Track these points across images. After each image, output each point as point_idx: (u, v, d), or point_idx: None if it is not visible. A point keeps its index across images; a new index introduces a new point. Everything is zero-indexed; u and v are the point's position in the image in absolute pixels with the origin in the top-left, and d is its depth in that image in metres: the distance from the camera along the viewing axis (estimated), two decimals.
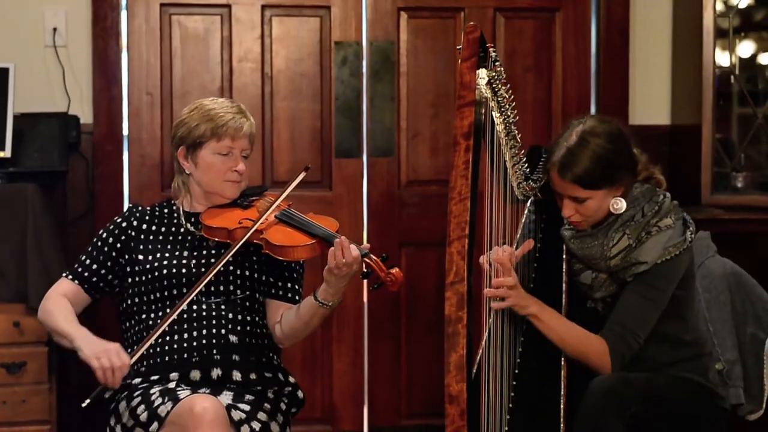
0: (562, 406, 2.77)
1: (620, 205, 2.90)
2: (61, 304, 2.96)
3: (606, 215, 2.92)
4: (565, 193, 2.90)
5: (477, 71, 2.58)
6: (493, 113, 2.78)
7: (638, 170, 2.95)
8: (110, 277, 3.02)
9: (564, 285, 2.96)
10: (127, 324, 3.01)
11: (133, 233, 3.04)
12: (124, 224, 3.06)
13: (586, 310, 2.99)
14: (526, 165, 2.99)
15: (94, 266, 3.01)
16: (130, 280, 2.98)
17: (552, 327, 2.86)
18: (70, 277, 3.02)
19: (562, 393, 2.80)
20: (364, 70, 4.34)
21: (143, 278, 2.97)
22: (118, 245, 3.02)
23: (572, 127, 2.92)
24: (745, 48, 4.47)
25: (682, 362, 2.94)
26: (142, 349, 2.83)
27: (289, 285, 3.06)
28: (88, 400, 2.77)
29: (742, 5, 4.41)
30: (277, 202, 2.97)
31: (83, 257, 3.04)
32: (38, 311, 3.01)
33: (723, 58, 4.34)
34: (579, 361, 2.87)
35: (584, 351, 2.86)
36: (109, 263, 3.01)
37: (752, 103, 4.38)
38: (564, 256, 3.01)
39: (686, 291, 2.94)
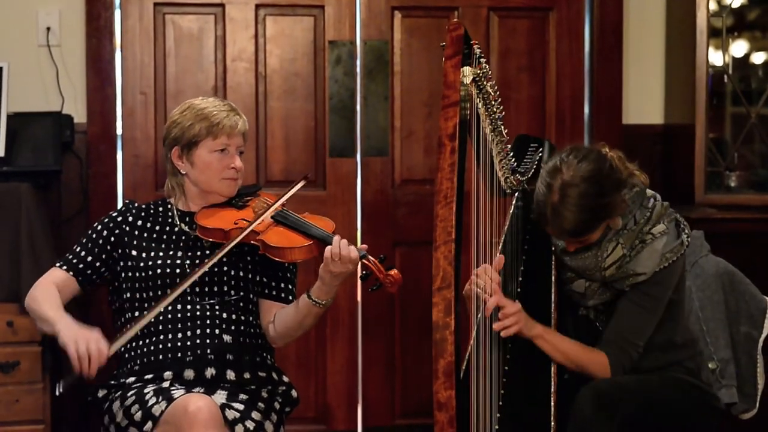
0: (552, 410, 2.77)
1: (618, 222, 2.87)
2: (49, 292, 2.95)
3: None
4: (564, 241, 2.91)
5: (462, 69, 2.57)
6: (479, 111, 2.77)
7: (624, 182, 2.87)
8: (103, 269, 3.01)
9: (553, 277, 2.97)
10: (120, 321, 3.00)
11: (127, 228, 3.04)
12: (119, 218, 3.06)
13: (578, 318, 2.99)
14: (513, 159, 3.00)
15: (89, 258, 3.01)
16: (123, 275, 2.98)
17: (556, 346, 2.87)
18: (64, 267, 3.01)
19: (552, 397, 2.79)
20: (358, 69, 4.34)
21: (136, 275, 2.96)
22: (112, 238, 3.02)
23: (553, 175, 2.81)
24: (739, 47, 4.48)
25: (675, 364, 2.95)
26: (121, 341, 2.82)
27: (282, 285, 3.06)
28: (60, 389, 2.74)
29: (736, 5, 4.42)
30: (274, 206, 2.96)
31: (76, 248, 3.03)
32: (26, 298, 2.99)
33: (716, 58, 4.34)
34: (581, 373, 2.89)
35: (586, 366, 2.88)
36: (103, 255, 3.01)
37: (745, 102, 4.39)
38: (553, 252, 3.01)
39: (678, 294, 2.94)
